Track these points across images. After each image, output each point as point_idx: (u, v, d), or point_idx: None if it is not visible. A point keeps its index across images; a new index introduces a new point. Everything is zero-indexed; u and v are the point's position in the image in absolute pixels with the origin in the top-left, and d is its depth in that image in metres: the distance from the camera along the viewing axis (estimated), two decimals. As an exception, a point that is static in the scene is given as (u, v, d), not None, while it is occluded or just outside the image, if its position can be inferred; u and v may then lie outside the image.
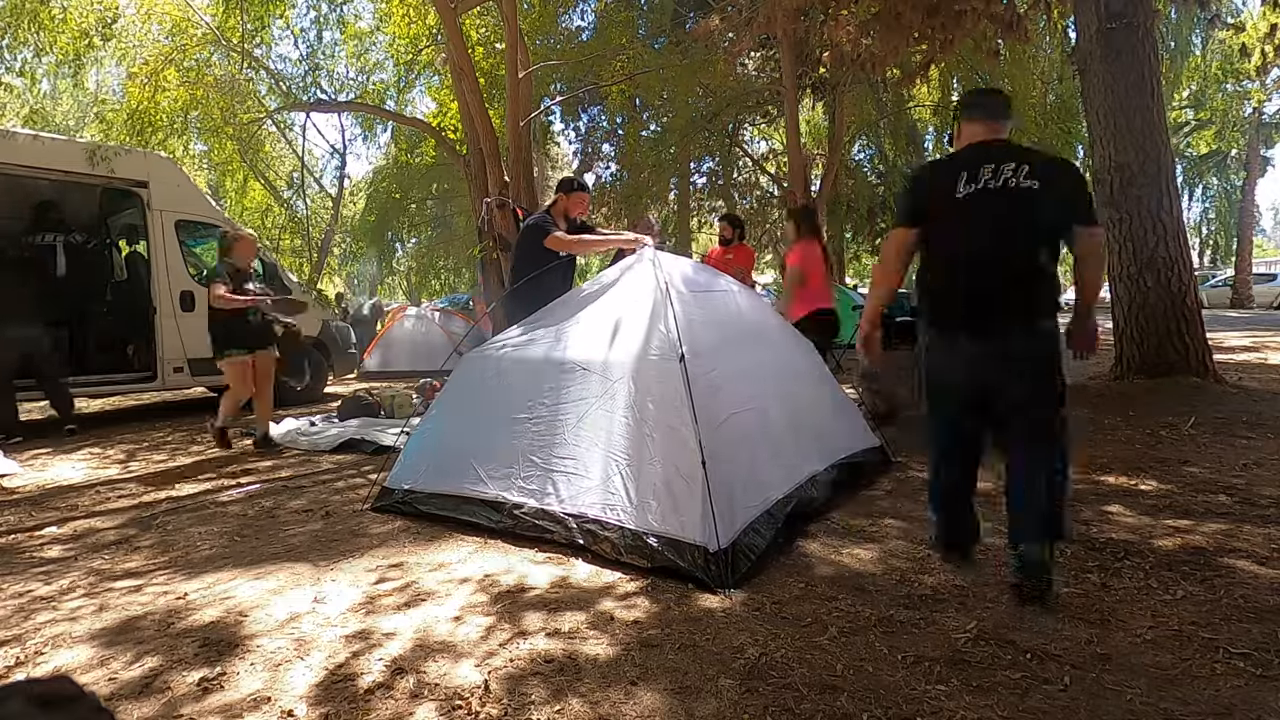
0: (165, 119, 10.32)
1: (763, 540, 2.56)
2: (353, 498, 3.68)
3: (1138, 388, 5.07)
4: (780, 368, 3.51)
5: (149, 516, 3.52)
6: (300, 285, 8.56)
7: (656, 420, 2.72)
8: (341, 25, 13.01)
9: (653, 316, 3.01)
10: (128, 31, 10.67)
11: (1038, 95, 12.47)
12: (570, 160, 20.07)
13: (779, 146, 17.29)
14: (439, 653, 1.98)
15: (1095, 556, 2.51)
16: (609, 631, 2.08)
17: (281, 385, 7.60)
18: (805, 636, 2.01)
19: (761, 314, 3.72)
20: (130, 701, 1.78)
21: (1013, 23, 4.82)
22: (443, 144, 11.26)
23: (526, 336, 3.38)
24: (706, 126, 13.67)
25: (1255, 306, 20.16)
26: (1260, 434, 4.09)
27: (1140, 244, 5.21)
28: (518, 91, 7.79)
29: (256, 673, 1.90)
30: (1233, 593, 2.19)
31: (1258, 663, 1.80)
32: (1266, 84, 17.58)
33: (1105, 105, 5.35)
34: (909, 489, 3.45)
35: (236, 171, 13.55)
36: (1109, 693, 1.71)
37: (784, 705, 1.69)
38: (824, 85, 13.22)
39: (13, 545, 3.15)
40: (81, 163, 6.39)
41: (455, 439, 3.28)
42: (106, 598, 2.45)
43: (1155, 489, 3.27)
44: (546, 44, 11.47)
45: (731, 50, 8.84)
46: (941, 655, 1.89)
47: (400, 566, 2.64)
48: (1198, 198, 28.42)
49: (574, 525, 2.68)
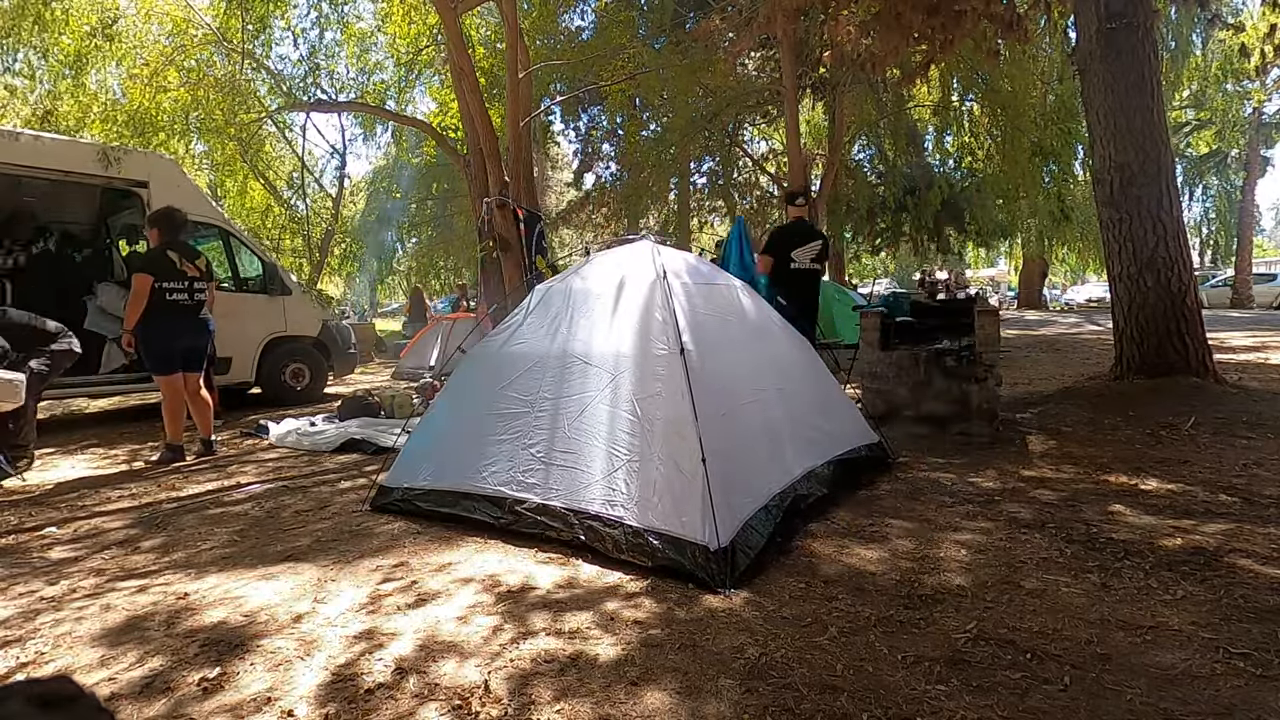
0: (166, 119, 10.33)
1: (761, 537, 2.57)
2: (355, 498, 3.69)
3: (1138, 388, 5.07)
4: (780, 363, 3.52)
5: (152, 517, 3.52)
6: (300, 285, 8.56)
7: (657, 415, 2.73)
8: (342, 25, 13.03)
9: (654, 309, 3.01)
10: (129, 32, 10.69)
11: (1038, 95, 12.47)
12: (570, 160, 20.09)
13: (779, 146, 17.29)
14: (443, 653, 1.98)
15: (1095, 556, 2.52)
16: (612, 631, 2.08)
17: (283, 385, 7.64)
18: (805, 636, 2.02)
19: (761, 309, 3.73)
20: (133, 702, 1.79)
21: (1013, 23, 4.82)
22: (443, 144, 11.28)
23: (527, 330, 3.38)
24: (706, 126, 13.67)
25: (1255, 306, 20.14)
26: (1260, 434, 4.10)
27: (1140, 244, 5.21)
28: (518, 91, 7.80)
29: (260, 673, 1.90)
30: (1233, 593, 2.19)
31: (1258, 663, 1.81)
32: (1266, 84, 17.59)
33: (1105, 105, 5.35)
34: (909, 488, 3.45)
35: (237, 171, 13.56)
36: (1109, 693, 1.71)
37: (784, 705, 1.69)
38: (824, 85, 13.23)
39: (16, 545, 3.15)
40: (82, 163, 6.39)
41: (456, 435, 3.29)
42: (110, 598, 2.45)
43: (1155, 489, 3.27)
44: (546, 44, 11.48)
45: (731, 50, 8.85)
46: (941, 655, 1.89)
47: (403, 566, 2.65)
48: (1198, 198, 28.41)
49: (575, 522, 2.69)
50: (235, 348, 7.10)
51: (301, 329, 7.77)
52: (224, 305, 6.61)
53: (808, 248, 5.39)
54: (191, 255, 4.83)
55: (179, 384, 4.77)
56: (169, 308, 4.65)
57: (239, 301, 7.28)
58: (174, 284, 4.66)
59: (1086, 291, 31.99)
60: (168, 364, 4.71)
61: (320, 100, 12.33)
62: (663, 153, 14.12)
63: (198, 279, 4.79)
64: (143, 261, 4.61)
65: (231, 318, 6.83)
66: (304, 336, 7.81)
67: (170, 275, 4.65)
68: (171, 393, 4.75)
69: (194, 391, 4.92)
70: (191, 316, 4.79)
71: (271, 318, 7.51)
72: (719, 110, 13.31)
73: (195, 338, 4.86)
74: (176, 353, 4.74)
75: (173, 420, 4.79)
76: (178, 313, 4.70)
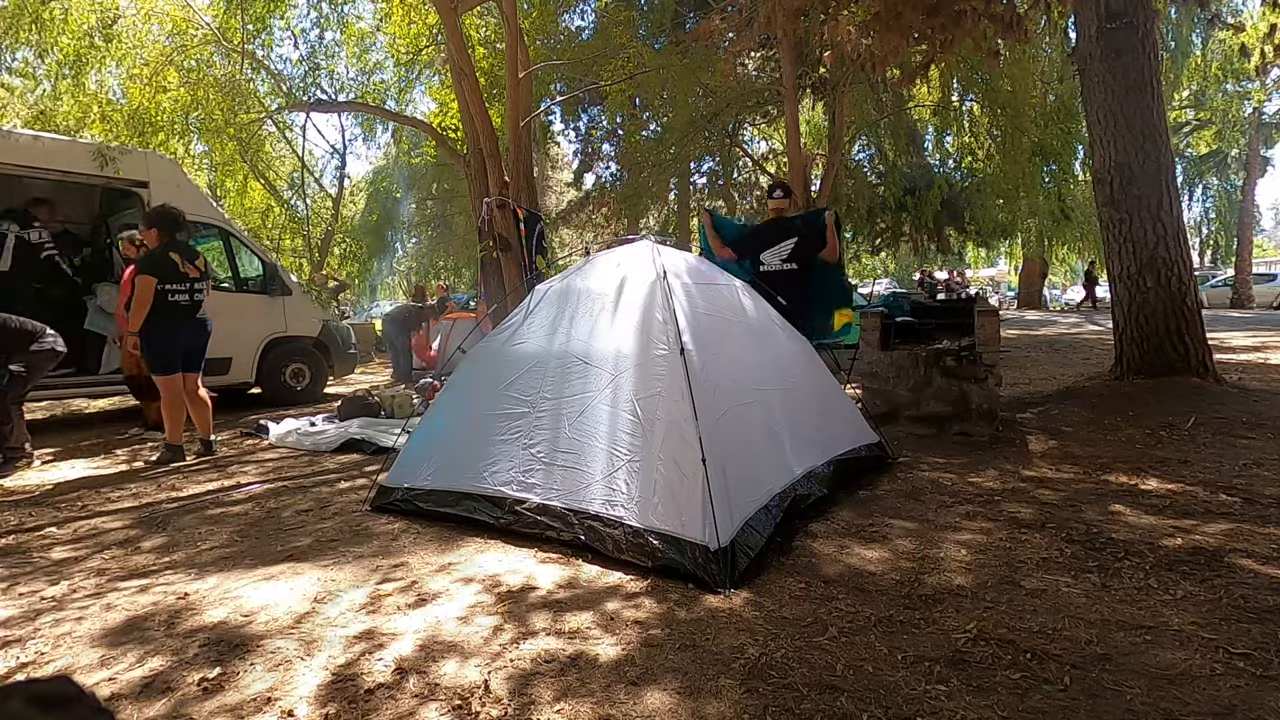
0: (166, 119, 10.34)
1: (761, 537, 2.57)
2: (355, 498, 3.69)
3: (1138, 388, 5.07)
4: (780, 363, 3.52)
5: (152, 517, 3.52)
6: (300, 285, 8.56)
7: (658, 414, 2.73)
8: (342, 25, 13.03)
9: (654, 309, 3.01)
10: (128, 32, 10.69)
11: (1038, 95, 12.47)
12: (570, 160, 20.08)
13: (779, 146, 17.28)
14: (444, 653, 1.98)
15: (1095, 556, 2.52)
16: (613, 631, 2.08)
17: (283, 385, 7.65)
18: (805, 636, 2.02)
19: (761, 309, 3.73)
20: (133, 702, 1.79)
21: (1013, 23, 4.80)
22: (443, 144, 11.28)
23: (527, 330, 3.38)
24: (706, 126, 13.66)
25: (1255, 306, 20.15)
26: (1260, 434, 4.10)
27: (1140, 244, 5.21)
28: (518, 91, 7.80)
29: (260, 673, 1.90)
30: (1233, 593, 2.19)
31: (1258, 663, 1.81)
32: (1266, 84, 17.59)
33: (1105, 105, 5.35)
34: (909, 488, 3.45)
35: (237, 171, 13.57)
36: (1109, 693, 1.71)
37: (784, 705, 1.69)
38: (824, 85, 13.23)
39: (17, 545, 3.15)
40: (82, 163, 6.40)
41: (456, 435, 3.29)
42: (110, 598, 2.45)
43: (1156, 489, 3.27)
44: (546, 44, 11.48)
45: (731, 50, 8.84)
46: (941, 655, 1.89)
47: (404, 566, 2.65)
48: (1198, 198, 28.43)
49: (576, 522, 2.69)
50: (235, 348, 7.10)
51: (302, 329, 7.77)
52: (224, 305, 6.63)
53: (778, 248, 5.01)
54: (191, 256, 4.86)
55: (178, 385, 4.80)
56: (171, 309, 4.68)
57: (239, 302, 7.29)
58: (176, 285, 4.70)
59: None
60: (168, 365, 4.74)
61: (320, 100, 12.32)
62: (663, 153, 14.11)
63: (197, 280, 4.83)
64: (146, 264, 4.65)
65: (232, 318, 6.84)
66: (304, 337, 7.82)
67: (173, 277, 4.68)
68: (171, 393, 4.78)
69: (193, 391, 4.94)
70: (191, 317, 4.83)
71: (272, 318, 7.52)
72: (719, 110, 13.31)
73: (195, 338, 4.90)
74: (177, 353, 4.77)
75: (172, 420, 4.82)
76: (179, 314, 4.74)
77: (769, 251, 5.05)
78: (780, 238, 5.07)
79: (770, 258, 5.04)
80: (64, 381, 6.40)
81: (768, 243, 5.08)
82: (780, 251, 5.04)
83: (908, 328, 5.12)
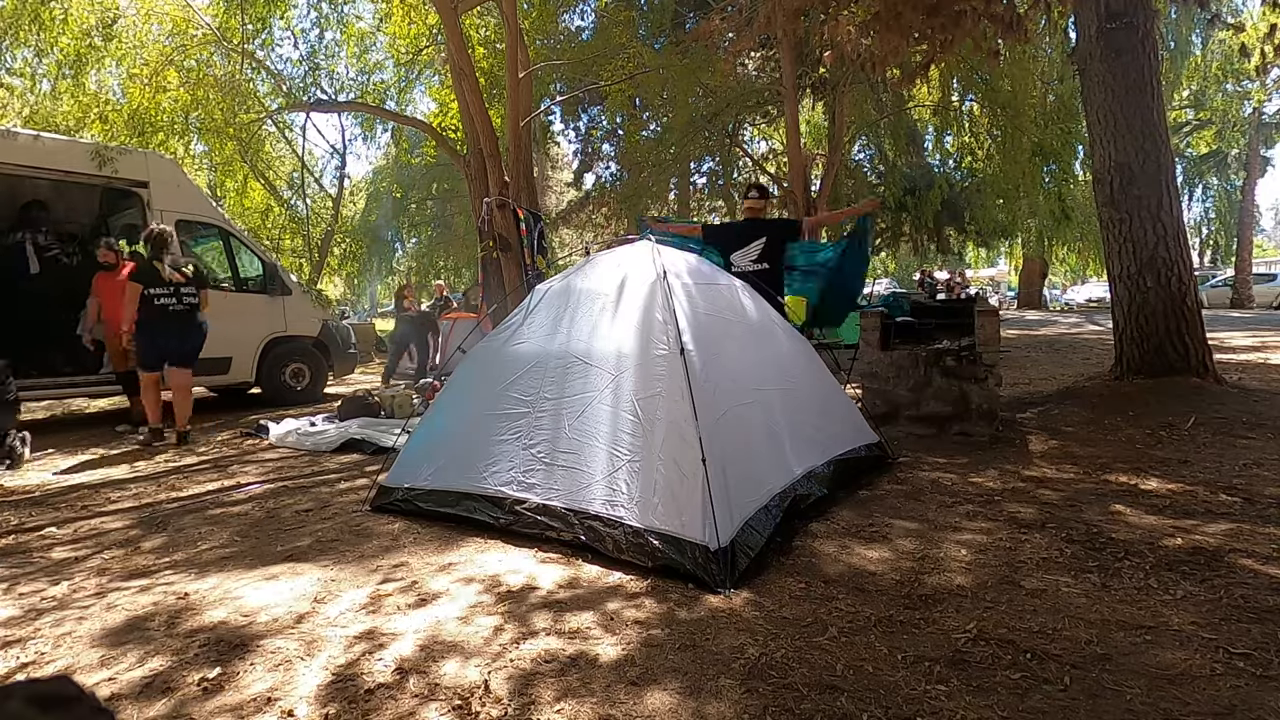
0: (166, 119, 10.34)
1: (760, 537, 2.57)
2: (356, 498, 3.69)
3: (1138, 388, 5.07)
4: (780, 363, 3.52)
5: (153, 517, 3.52)
6: (300, 285, 8.57)
7: (658, 415, 2.73)
8: (342, 25, 13.03)
9: (654, 309, 3.01)
10: (128, 32, 10.69)
11: (1038, 95, 12.47)
12: (570, 160, 20.09)
13: (779, 146, 17.29)
14: (444, 653, 1.98)
15: (1095, 556, 2.52)
16: (613, 631, 2.08)
17: (283, 385, 7.65)
18: (805, 636, 2.02)
19: (762, 309, 3.73)
20: (133, 702, 1.79)
21: (1013, 23, 4.80)
22: (443, 144, 11.28)
23: (527, 330, 3.38)
24: (706, 126, 13.67)
25: (1255, 306, 20.16)
26: (1260, 434, 4.10)
27: (1140, 244, 5.21)
28: (518, 91, 7.81)
29: (260, 673, 1.90)
30: (1233, 593, 2.19)
31: (1258, 663, 1.81)
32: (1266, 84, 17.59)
33: (1105, 105, 5.35)
34: (909, 488, 3.45)
35: (237, 171, 13.57)
36: (1109, 693, 1.71)
37: (784, 705, 1.69)
38: (824, 85, 13.24)
39: (17, 545, 3.15)
40: (82, 163, 6.40)
41: (456, 435, 3.29)
42: (111, 598, 2.46)
43: (1156, 489, 3.28)
44: (546, 44, 11.48)
45: (731, 50, 8.84)
46: (941, 655, 1.89)
47: (404, 566, 2.65)
48: (1198, 198, 28.42)
49: (576, 522, 2.69)
50: (235, 348, 7.10)
51: (301, 329, 7.77)
52: (224, 305, 6.64)
53: (747, 249, 4.90)
54: (178, 264, 5.47)
55: (156, 379, 5.49)
56: (157, 311, 5.31)
57: (239, 301, 7.29)
58: (159, 290, 5.31)
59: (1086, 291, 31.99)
60: (148, 361, 5.42)
61: (320, 100, 12.33)
62: (663, 153, 14.12)
63: (184, 284, 5.42)
64: (135, 273, 5.36)
65: (232, 318, 6.84)
66: (304, 336, 7.82)
67: (156, 283, 5.32)
68: (149, 385, 5.49)
69: (179, 385, 5.55)
70: (177, 318, 5.41)
71: (272, 318, 7.52)
72: (719, 110, 13.31)
73: (181, 338, 5.48)
74: (159, 351, 5.40)
75: (151, 408, 5.55)
76: (165, 316, 5.35)
77: (738, 254, 4.97)
78: (748, 239, 4.99)
79: (740, 259, 4.96)
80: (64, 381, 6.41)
81: (737, 244, 5.00)
82: (749, 253, 4.95)
83: (908, 328, 5.12)
